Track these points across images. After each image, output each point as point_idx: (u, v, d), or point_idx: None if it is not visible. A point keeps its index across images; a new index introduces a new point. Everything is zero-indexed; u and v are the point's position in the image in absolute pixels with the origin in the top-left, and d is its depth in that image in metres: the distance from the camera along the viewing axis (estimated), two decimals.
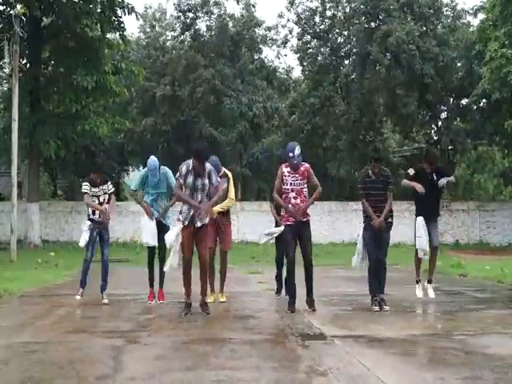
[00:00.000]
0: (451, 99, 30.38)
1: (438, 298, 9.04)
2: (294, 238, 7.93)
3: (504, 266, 13.16)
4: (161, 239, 8.37)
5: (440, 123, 31.62)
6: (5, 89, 29.09)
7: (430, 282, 9.13)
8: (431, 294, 9.02)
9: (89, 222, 8.89)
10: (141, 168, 36.93)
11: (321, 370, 4.93)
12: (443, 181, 8.82)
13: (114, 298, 9.17)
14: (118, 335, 6.44)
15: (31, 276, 12.16)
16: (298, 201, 7.90)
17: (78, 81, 21.53)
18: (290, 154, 7.88)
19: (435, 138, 32.11)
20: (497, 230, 26.04)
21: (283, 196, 8.00)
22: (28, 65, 23.25)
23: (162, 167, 8.83)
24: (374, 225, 8.08)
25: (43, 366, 5.17)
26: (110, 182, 9.21)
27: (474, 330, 6.77)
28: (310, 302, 8.00)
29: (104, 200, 8.95)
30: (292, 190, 7.93)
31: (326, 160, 34.17)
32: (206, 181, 7.58)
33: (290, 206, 7.90)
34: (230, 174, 8.86)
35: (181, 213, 7.67)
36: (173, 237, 7.63)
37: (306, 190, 8.03)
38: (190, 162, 7.60)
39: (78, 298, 8.79)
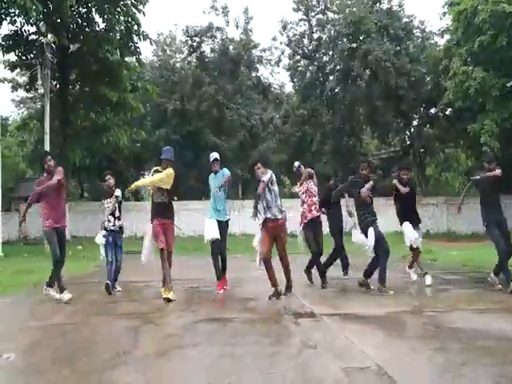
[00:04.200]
0: (422, 108, 30.34)
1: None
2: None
3: (468, 252, 13.14)
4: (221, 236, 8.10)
5: (412, 129, 31.61)
6: (38, 107, 29.10)
7: (410, 267, 9.14)
8: (413, 277, 9.04)
9: (103, 232, 8.68)
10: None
11: (311, 344, 4.90)
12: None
13: (132, 285, 9.12)
14: (135, 317, 6.41)
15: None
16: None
17: (102, 94, 21.71)
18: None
19: (408, 142, 32.09)
20: (462, 221, 25.85)
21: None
22: (58, 86, 23.24)
23: (222, 168, 8.34)
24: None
25: (72, 345, 5.15)
26: (114, 195, 8.70)
27: (443, 308, 6.73)
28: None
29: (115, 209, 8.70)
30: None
31: (313, 162, 34.11)
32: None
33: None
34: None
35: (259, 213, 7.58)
36: (256, 242, 7.85)
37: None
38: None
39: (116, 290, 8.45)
